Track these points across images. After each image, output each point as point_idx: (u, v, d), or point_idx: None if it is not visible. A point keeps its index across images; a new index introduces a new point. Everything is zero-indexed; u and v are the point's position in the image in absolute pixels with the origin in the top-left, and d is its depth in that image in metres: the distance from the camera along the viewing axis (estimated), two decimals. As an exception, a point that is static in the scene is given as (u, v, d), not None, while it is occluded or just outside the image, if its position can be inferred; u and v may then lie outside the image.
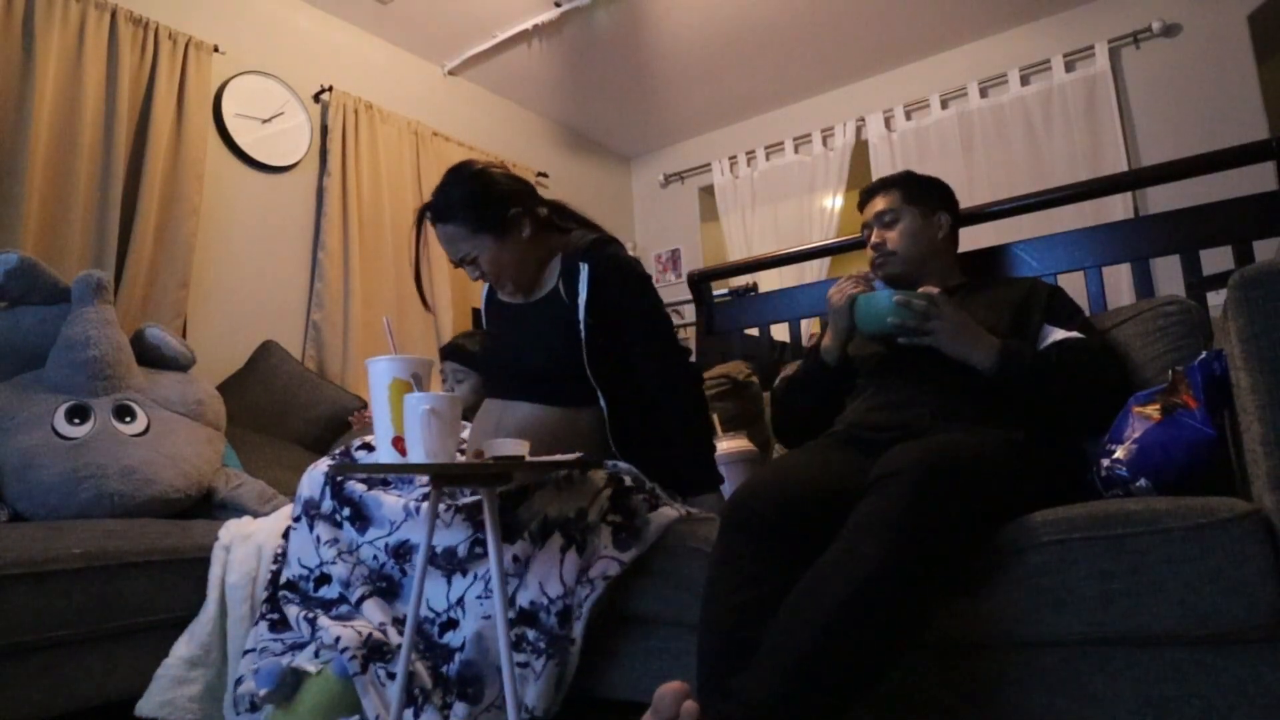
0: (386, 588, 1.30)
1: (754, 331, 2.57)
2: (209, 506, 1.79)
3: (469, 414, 1.92)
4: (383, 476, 1.36)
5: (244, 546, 1.43)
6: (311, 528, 1.37)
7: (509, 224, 1.44)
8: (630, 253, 1.57)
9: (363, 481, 1.36)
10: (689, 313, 3.64)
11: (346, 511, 1.34)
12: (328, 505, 1.36)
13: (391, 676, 1.17)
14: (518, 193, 1.49)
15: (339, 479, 1.36)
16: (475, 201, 1.43)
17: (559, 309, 1.46)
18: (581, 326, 1.43)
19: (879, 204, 1.59)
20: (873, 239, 1.58)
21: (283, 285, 2.87)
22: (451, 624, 1.24)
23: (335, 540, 1.34)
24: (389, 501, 1.31)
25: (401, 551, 1.28)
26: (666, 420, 1.48)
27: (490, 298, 1.67)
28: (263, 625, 1.33)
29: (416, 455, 1.04)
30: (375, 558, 1.31)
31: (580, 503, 1.30)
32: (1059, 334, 1.34)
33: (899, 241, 1.55)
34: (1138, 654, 0.94)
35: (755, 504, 1.07)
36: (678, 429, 1.48)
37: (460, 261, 1.49)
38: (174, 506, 1.68)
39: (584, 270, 1.44)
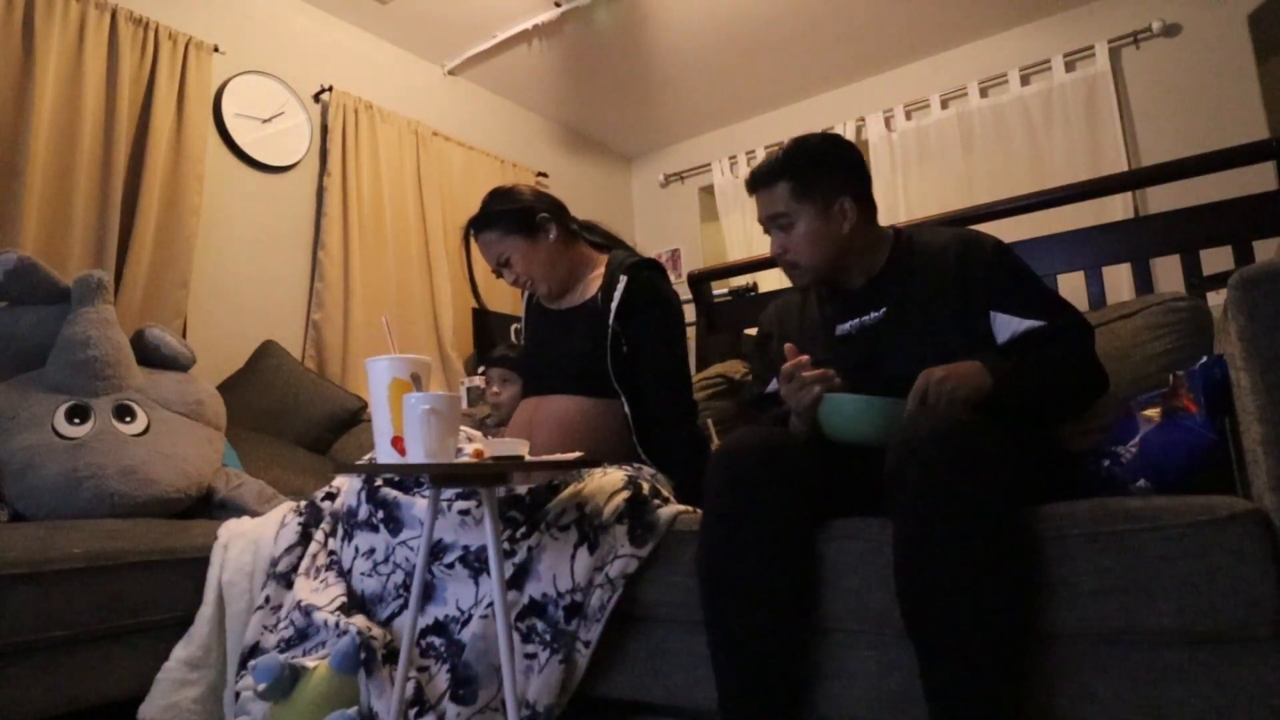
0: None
1: (754, 331, 2.57)
2: (209, 506, 1.78)
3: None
4: (416, 480, 1.36)
5: (239, 543, 1.43)
6: (351, 538, 1.39)
7: (537, 227, 1.61)
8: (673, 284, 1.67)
9: (396, 486, 1.37)
10: (689, 312, 3.64)
11: (381, 515, 1.35)
12: (364, 511, 1.38)
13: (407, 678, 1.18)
14: (544, 201, 1.66)
15: (374, 485, 1.38)
16: (506, 208, 1.62)
17: (596, 315, 1.57)
18: (609, 330, 1.53)
19: (767, 204, 1.35)
20: (772, 247, 1.37)
21: (283, 285, 2.87)
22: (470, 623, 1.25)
23: (372, 550, 1.36)
24: (420, 503, 1.32)
25: (434, 551, 1.29)
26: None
27: (530, 305, 1.80)
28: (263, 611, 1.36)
29: (416, 455, 1.04)
30: (408, 559, 1.32)
31: (598, 500, 1.31)
32: (1017, 324, 1.21)
33: (803, 250, 1.33)
34: (1138, 653, 0.94)
35: (741, 448, 1.13)
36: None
37: (498, 266, 1.65)
38: (174, 506, 1.68)
39: (622, 281, 1.56)
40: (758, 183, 1.36)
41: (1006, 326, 1.23)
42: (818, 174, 1.32)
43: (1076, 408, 1.24)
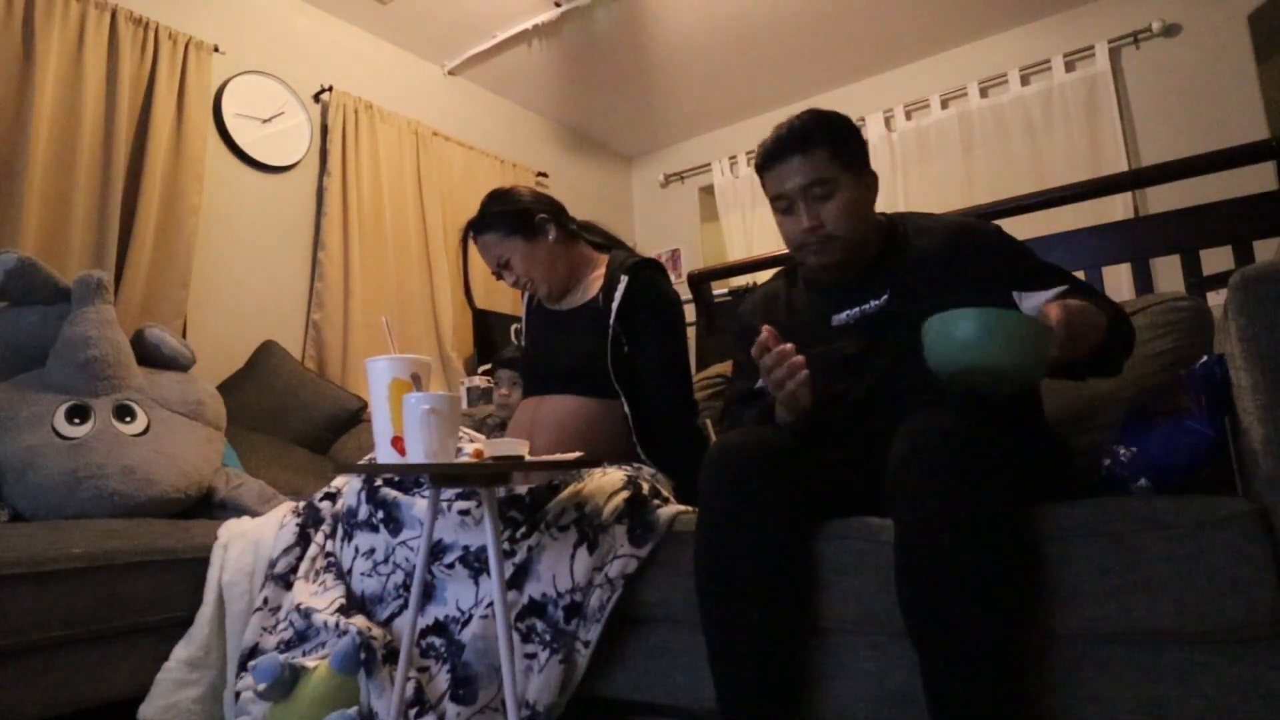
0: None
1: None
2: (209, 506, 1.78)
3: None
4: (416, 480, 1.37)
5: (240, 544, 1.43)
6: (351, 538, 1.39)
7: (536, 228, 1.62)
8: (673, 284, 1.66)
9: (396, 486, 1.37)
10: (689, 312, 3.64)
11: (380, 515, 1.35)
12: (364, 511, 1.38)
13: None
14: (543, 202, 1.67)
15: (374, 485, 1.38)
16: (505, 210, 1.62)
17: (597, 315, 1.57)
18: (609, 329, 1.53)
19: (803, 170, 1.20)
20: (804, 221, 1.22)
21: (283, 285, 2.87)
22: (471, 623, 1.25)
23: (372, 550, 1.36)
24: (420, 503, 1.33)
25: (434, 551, 1.29)
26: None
27: (531, 306, 1.80)
28: (262, 613, 1.36)
29: (416, 455, 1.04)
30: (408, 560, 1.33)
31: (598, 500, 1.31)
32: (1047, 293, 1.16)
33: (842, 221, 1.21)
34: (1138, 653, 0.94)
35: (735, 448, 1.13)
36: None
37: (498, 268, 1.65)
38: (174, 506, 1.68)
39: (623, 281, 1.56)
40: (794, 147, 1.21)
41: (1040, 297, 1.18)
42: (853, 141, 1.25)
43: (1127, 354, 1.18)
